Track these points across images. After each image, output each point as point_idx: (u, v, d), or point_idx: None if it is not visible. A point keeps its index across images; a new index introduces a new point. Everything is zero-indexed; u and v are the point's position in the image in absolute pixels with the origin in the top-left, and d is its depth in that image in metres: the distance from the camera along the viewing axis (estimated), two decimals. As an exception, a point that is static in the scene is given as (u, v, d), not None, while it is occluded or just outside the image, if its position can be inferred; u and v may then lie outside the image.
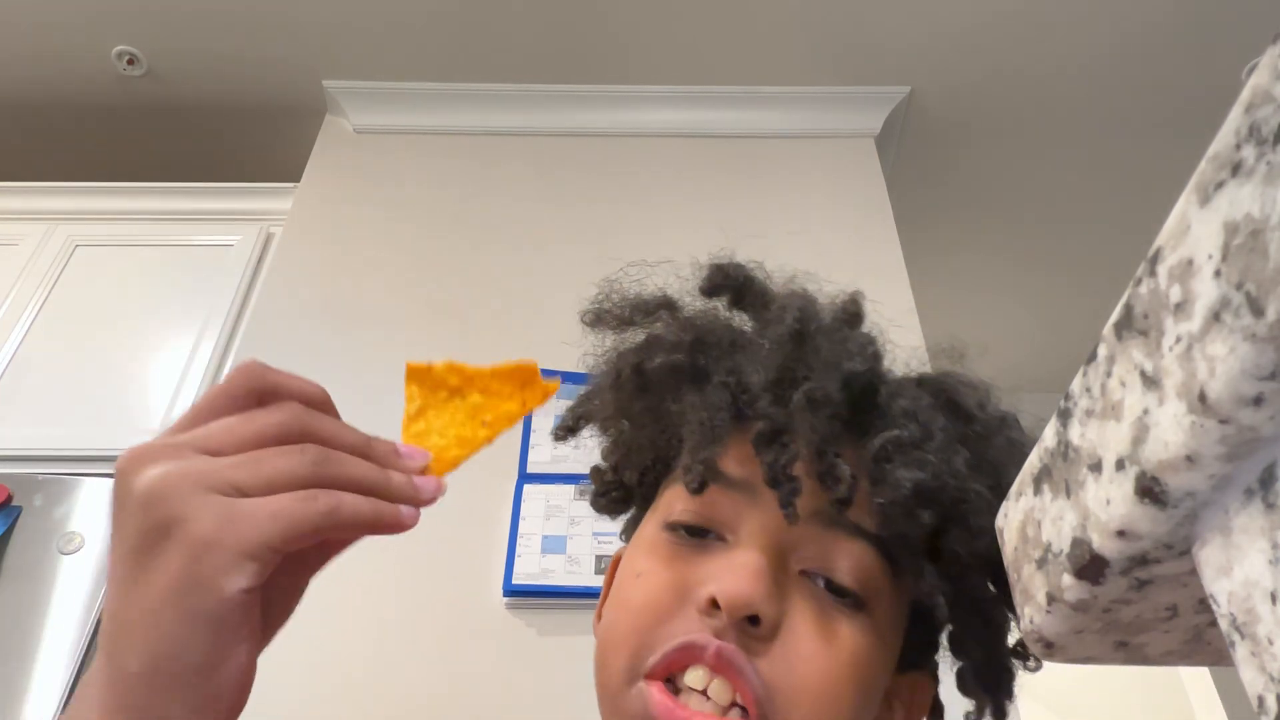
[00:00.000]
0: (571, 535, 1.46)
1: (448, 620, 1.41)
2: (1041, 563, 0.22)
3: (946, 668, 0.51)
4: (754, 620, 0.40)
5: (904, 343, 0.54)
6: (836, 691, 0.41)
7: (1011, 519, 0.25)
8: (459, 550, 1.47)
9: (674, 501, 0.47)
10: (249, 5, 1.99)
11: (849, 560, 0.43)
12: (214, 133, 2.31)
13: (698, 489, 0.44)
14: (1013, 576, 0.25)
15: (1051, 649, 0.24)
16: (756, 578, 0.41)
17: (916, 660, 0.49)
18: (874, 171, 2.10)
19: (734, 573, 0.41)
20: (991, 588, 0.47)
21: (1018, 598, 0.24)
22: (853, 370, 0.45)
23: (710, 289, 0.52)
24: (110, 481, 0.32)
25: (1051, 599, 0.22)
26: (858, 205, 2.04)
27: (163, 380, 1.76)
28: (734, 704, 0.40)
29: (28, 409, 1.71)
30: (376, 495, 0.33)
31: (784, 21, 2.01)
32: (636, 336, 0.52)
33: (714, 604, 0.41)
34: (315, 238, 1.96)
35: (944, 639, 0.50)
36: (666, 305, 0.53)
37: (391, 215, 2.00)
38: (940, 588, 0.44)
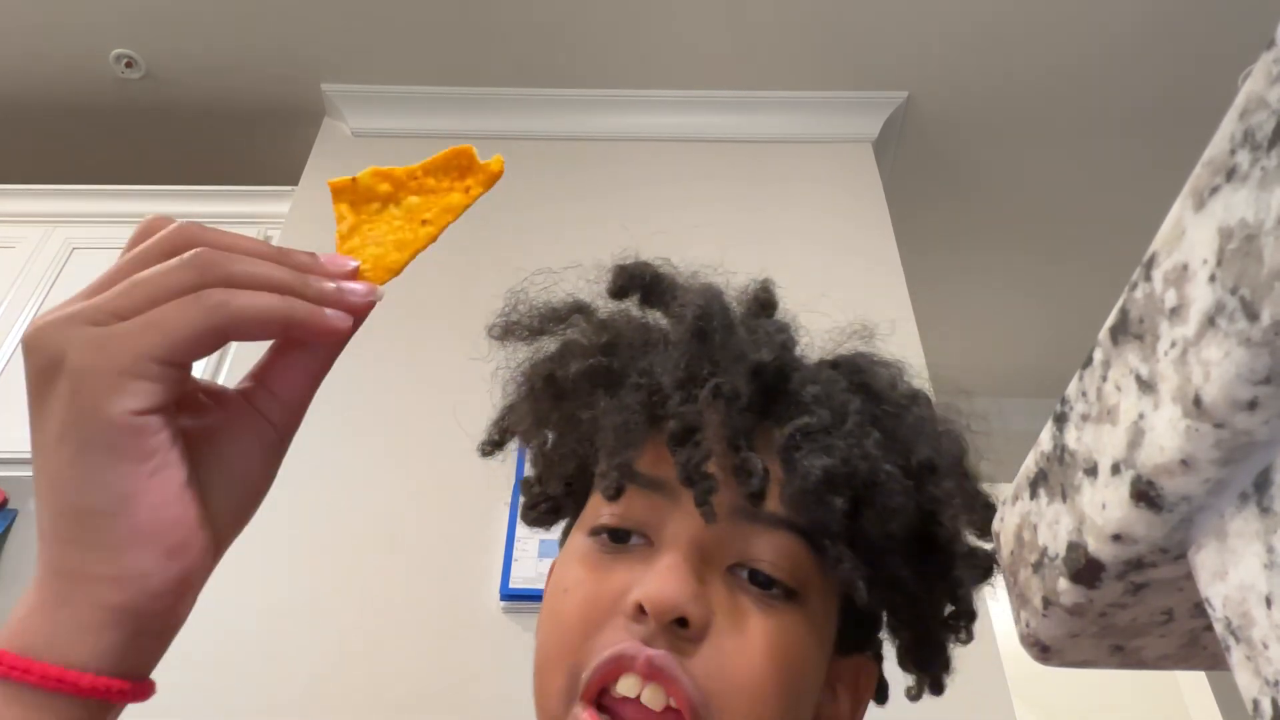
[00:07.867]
0: (569, 539, 1.46)
1: (444, 624, 1.41)
2: (1038, 566, 0.23)
3: (890, 647, 0.51)
4: (683, 622, 0.40)
5: (897, 348, 0.53)
6: (771, 686, 0.40)
7: (1008, 522, 0.25)
8: (456, 554, 1.47)
9: (597, 508, 0.46)
10: (247, 8, 1.99)
11: (773, 551, 0.43)
12: (212, 136, 2.31)
13: (614, 495, 0.44)
14: (1009, 580, 0.25)
15: (1048, 653, 0.24)
16: (681, 580, 0.40)
17: (858, 643, 0.49)
18: (872, 176, 2.11)
19: (658, 576, 0.41)
20: (909, 567, 0.47)
21: (1014, 601, 0.24)
22: (760, 361, 0.44)
23: (617, 291, 0.51)
24: None
25: (1048, 603, 0.22)
26: (855, 210, 2.04)
27: (160, 383, 1.75)
28: (668, 708, 0.39)
29: (24, 412, 1.71)
30: (291, 295, 0.31)
31: (782, 26, 2.02)
32: (550, 346, 0.51)
33: (640, 609, 0.40)
34: (313, 240, 1.95)
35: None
36: (579, 309, 0.52)
37: (389, 218, 2.00)
38: (858, 570, 0.43)
